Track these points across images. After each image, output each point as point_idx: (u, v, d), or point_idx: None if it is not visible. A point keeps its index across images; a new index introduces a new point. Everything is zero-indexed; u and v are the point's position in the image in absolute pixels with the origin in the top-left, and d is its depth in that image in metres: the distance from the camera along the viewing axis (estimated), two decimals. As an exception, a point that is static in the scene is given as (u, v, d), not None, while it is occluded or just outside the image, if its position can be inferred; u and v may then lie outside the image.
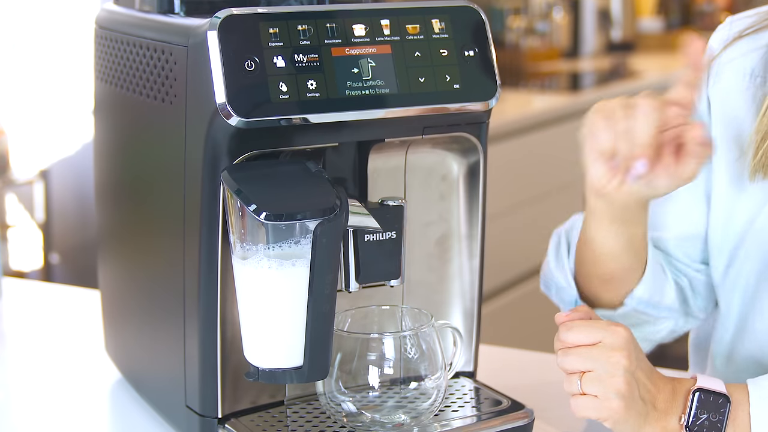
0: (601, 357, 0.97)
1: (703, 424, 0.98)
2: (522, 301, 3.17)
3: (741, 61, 1.16)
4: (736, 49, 1.16)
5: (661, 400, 0.99)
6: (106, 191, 1.23)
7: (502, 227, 3.02)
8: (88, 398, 1.25)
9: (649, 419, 0.99)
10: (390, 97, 0.99)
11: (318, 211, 0.94)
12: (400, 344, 1.02)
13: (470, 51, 1.04)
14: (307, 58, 0.97)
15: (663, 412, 0.99)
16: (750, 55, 1.15)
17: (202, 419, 1.05)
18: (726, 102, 1.16)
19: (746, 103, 1.14)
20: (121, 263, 1.22)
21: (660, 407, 0.99)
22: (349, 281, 1.04)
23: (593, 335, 0.98)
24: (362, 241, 1.03)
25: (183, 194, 1.02)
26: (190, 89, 0.99)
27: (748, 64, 1.15)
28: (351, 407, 1.02)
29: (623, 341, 0.97)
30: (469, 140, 1.09)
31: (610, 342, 0.97)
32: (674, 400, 1.00)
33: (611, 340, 0.97)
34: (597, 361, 0.97)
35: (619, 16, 4.97)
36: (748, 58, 1.15)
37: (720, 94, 1.17)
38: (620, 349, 0.97)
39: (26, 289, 1.71)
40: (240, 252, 0.98)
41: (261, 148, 0.98)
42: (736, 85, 1.15)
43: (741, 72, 1.15)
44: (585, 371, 0.97)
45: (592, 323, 0.99)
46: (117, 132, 1.18)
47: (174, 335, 1.07)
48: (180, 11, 1.09)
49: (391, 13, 1.01)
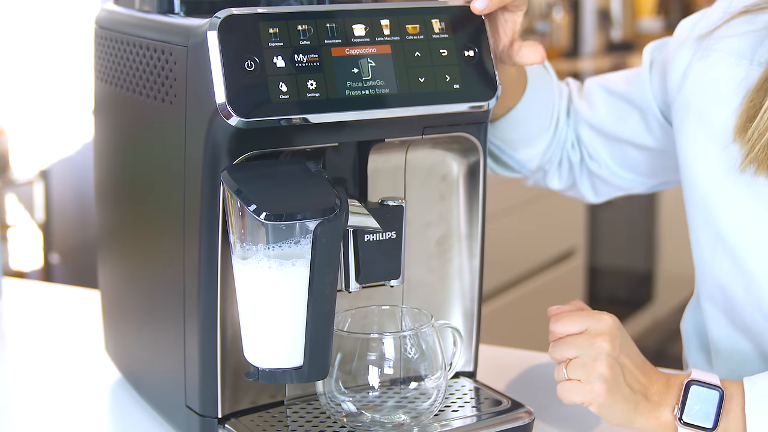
0: (585, 343, 1.00)
1: (696, 415, 0.99)
2: (522, 301, 3.17)
3: (735, 41, 1.13)
4: (733, 27, 1.13)
5: (654, 392, 1.01)
6: (106, 191, 1.23)
7: (502, 227, 3.02)
8: (88, 398, 1.25)
9: (641, 409, 1.00)
10: (390, 97, 0.99)
11: (318, 211, 0.94)
12: (400, 344, 1.02)
13: (470, 51, 1.04)
14: (307, 58, 0.97)
15: (656, 403, 1.01)
16: (745, 37, 1.12)
17: (202, 419, 1.05)
18: (710, 81, 1.14)
19: (732, 86, 1.12)
20: (121, 263, 1.22)
21: (653, 399, 1.01)
22: (349, 281, 1.04)
23: (580, 324, 1.02)
24: (362, 241, 1.03)
25: (183, 194, 1.02)
26: (190, 89, 0.99)
27: (741, 46, 1.12)
28: (351, 407, 1.02)
29: (607, 327, 1.01)
30: (469, 140, 1.09)
31: (594, 329, 1.01)
32: (668, 393, 1.01)
33: (596, 327, 1.01)
34: (581, 347, 1.00)
35: (619, 16, 4.98)
36: (743, 39, 1.12)
37: (706, 72, 1.15)
38: (603, 334, 1.00)
39: (26, 289, 1.71)
40: (240, 252, 0.98)
41: (261, 148, 0.98)
42: (725, 66, 1.13)
43: (733, 52, 1.12)
44: (571, 358, 1.00)
45: (580, 313, 1.03)
46: (117, 132, 1.18)
47: (174, 335, 1.07)
48: (180, 11, 1.09)
49: (391, 13, 1.01)
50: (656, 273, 4.16)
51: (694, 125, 1.14)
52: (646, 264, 4.12)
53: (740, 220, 1.11)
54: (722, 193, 1.11)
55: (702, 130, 1.13)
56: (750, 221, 1.10)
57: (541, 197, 3.29)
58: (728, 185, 1.10)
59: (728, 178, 1.10)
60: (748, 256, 1.10)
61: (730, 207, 1.11)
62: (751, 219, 1.10)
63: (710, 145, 1.12)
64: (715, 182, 1.12)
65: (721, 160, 1.11)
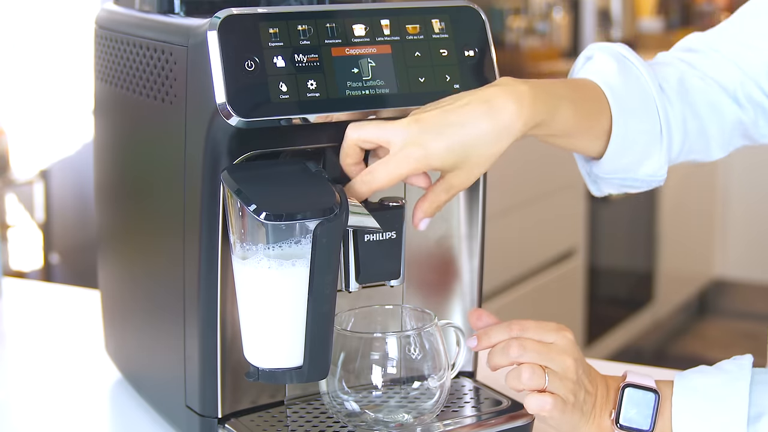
0: (557, 357, 1.00)
1: (632, 418, 1.00)
2: (522, 301, 3.17)
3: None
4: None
5: (598, 398, 1.02)
6: (106, 191, 1.23)
7: (502, 227, 3.02)
8: (88, 398, 1.25)
9: (588, 417, 1.01)
10: (390, 97, 0.99)
11: (318, 211, 0.94)
12: (404, 344, 1.02)
13: (470, 51, 1.04)
14: (307, 58, 0.97)
15: (599, 409, 1.01)
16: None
17: (202, 419, 1.05)
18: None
19: None
20: (120, 263, 1.22)
21: (597, 405, 1.02)
22: (349, 281, 1.04)
23: (549, 336, 1.01)
24: (362, 241, 1.03)
25: (183, 194, 1.02)
26: (190, 89, 0.99)
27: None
28: (354, 406, 1.02)
29: (570, 344, 1.01)
30: (469, 140, 1.09)
31: (561, 344, 1.01)
32: (608, 397, 1.02)
33: (562, 343, 1.01)
34: (552, 360, 1.00)
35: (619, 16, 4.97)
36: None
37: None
38: (568, 351, 1.00)
39: (26, 289, 1.71)
40: (240, 252, 0.98)
41: (261, 148, 0.98)
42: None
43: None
44: (542, 366, 1.00)
45: (546, 325, 1.02)
46: (117, 132, 1.18)
47: (174, 335, 1.07)
48: (180, 11, 1.09)
49: (390, 13, 1.01)
50: (656, 273, 4.16)
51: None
52: (646, 264, 4.12)
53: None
54: None
55: None
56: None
57: (541, 197, 3.29)
58: None
59: None
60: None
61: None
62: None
63: None
64: None
65: None
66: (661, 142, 1.10)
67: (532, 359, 1.00)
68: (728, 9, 5.34)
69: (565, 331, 1.02)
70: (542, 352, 1.00)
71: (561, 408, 0.99)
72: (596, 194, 1.16)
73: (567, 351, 1.00)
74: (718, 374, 1.00)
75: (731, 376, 0.99)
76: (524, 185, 3.20)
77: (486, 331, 1.04)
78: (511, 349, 1.00)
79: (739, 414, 0.97)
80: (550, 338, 1.01)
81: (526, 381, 0.99)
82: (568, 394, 0.99)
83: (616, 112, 1.06)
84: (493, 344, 1.03)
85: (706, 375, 1.01)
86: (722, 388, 0.98)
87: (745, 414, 0.96)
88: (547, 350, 1.00)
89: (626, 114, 1.07)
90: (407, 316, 1.09)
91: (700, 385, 1.00)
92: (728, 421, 0.97)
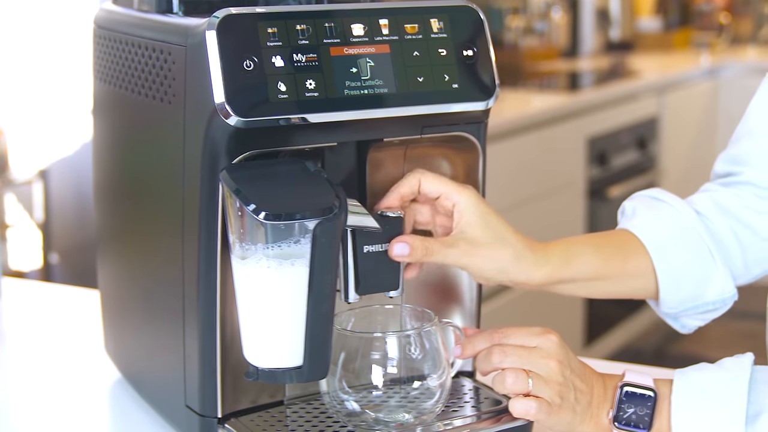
0: (541, 361, 1.00)
1: (630, 418, 1.00)
2: (522, 301, 3.17)
3: None
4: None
5: (594, 397, 1.02)
6: (105, 191, 1.23)
7: (501, 227, 3.01)
8: (88, 398, 1.25)
9: (583, 416, 1.01)
10: (389, 96, 0.99)
11: (317, 210, 0.94)
12: (404, 343, 1.02)
13: (469, 51, 1.04)
14: (306, 58, 0.97)
15: (596, 407, 1.02)
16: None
17: (202, 419, 1.05)
18: None
19: None
20: (120, 263, 1.22)
21: (594, 404, 1.02)
22: (348, 292, 1.04)
23: (532, 340, 1.02)
24: (361, 252, 1.03)
25: (182, 194, 1.02)
26: (188, 89, 0.99)
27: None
28: (354, 406, 1.02)
29: (555, 347, 1.01)
30: (468, 140, 1.09)
31: (545, 347, 1.01)
32: (605, 396, 1.02)
33: (546, 346, 1.01)
34: (536, 364, 1.00)
35: (617, 15, 4.98)
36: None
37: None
38: (554, 355, 1.01)
39: (26, 289, 1.71)
40: (239, 252, 0.98)
41: (260, 148, 0.98)
42: None
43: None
44: (526, 371, 1.00)
45: (530, 330, 1.03)
46: (116, 132, 1.18)
47: (174, 335, 1.07)
48: (178, 11, 1.09)
49: (389, 13, 1.01)
50: (656, 273, 4.15)
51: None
52: (645, 263, 4.11)
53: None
54: None
55: None
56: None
57: (540, 197, 3.29)
58: None
59: None
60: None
61: None
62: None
63: None
64: None
65: None
66: (715, 262, 1.15)
67: (514, 364, 1.01)
68: (727, 9, 5.34)
69: (550, 334, 1.02)
70: (523, 356, 1.01)
71: (546, 410, 0.99)
72: (682, 332, 1.21)
73: (551, 354, 1.01)
74: (718, 372, 1.00)
75: (731, 374, 0.99)
76: (524, 185, 3.20)
77: (470, 339, 1.06)
78: (492, 355, 1.02)
79: (738, 412, 0.97)
80: (533, 342, 1.02)
81: (510, 385, 1.00)
82: (554, 397, 0.99)
83: (652, 249, 1.14)
84: (477, 352, 1.05)
85: (706, 372, 1.01)
86: (721, 386, 0.98)
87: (743, 412, 0.96)
88: (528, 354, 1.01)
89: (664, 249, 1.14)
90: (407, 316, 1.09)
91: (699, 383, 1.00)
92: (726, 419, 0.97)
